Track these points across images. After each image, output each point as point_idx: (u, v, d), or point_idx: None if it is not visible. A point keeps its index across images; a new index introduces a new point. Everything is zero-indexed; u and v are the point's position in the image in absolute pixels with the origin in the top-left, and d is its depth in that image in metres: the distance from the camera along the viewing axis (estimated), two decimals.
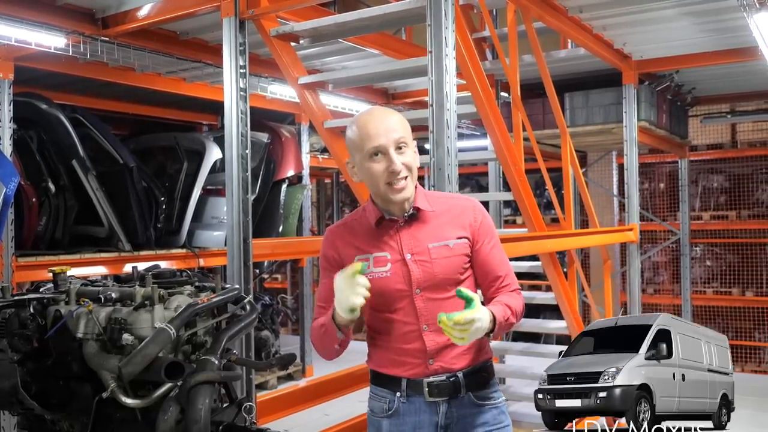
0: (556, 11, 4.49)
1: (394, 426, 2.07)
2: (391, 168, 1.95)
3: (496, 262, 2.08)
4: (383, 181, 1.97)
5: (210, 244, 5.71)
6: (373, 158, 1.96)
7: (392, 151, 1.95)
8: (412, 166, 1.99)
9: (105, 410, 2.09)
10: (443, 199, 2.12)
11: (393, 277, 2.00)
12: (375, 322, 2.11)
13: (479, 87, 3.64)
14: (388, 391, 2.09)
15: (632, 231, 5.76)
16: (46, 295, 2.23)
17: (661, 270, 8.42)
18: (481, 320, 1.84)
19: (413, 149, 2.02)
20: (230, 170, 3.75)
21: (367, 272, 1.95)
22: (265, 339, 7.06)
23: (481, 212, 2.09)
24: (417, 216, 2.04)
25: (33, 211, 4.77)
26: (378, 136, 1.95)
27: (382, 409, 2.11)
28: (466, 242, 2.04)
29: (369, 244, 2.04)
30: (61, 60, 4.79)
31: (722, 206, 8.23)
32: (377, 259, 2.02)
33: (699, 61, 5.64)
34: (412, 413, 2.05)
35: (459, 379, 2.03)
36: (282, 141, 6.69)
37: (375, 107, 2.16)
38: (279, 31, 3.95)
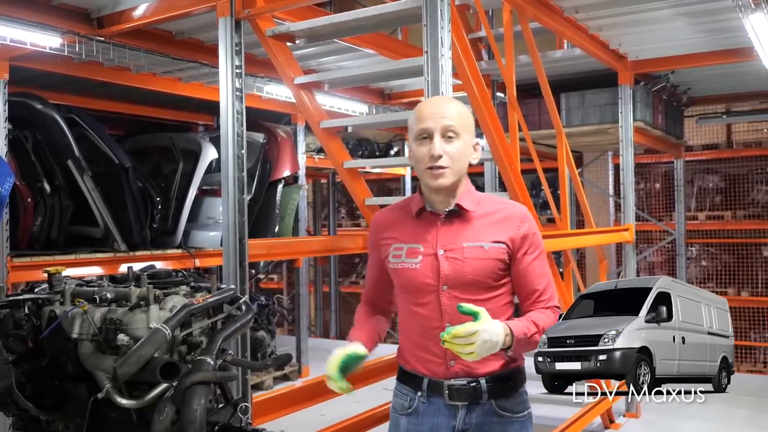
0: (552, 11, 4.50)
1: (412, 425, 2.06)
2: (432, 152, 1.93)
3: (534, 275, 2.01)
4: (424, 165, 1.95)
5: (206, 245, 5.69)
6: (420, 141, 1.96)
7: (437, 136, 1.94)
8: (456, 158, 1.95)
9: (100, 411, 2.09)
10: (492, 203, 2.05)
11: (422, 269, 1.99)
12: (403, 314, 2.10)
13: (475, 87, 3.64)
14: (410, 390, 2.07)
15: (628, 231, 5.78)
16: (41, 296, 2.23)
17: (656, 270, 8.44)
18: (487, 332, 1.79)
19: (467, 143, 1.98)
20: (226, 170, 3.74)
21: (398, 262, 2.02)
22: (261, 339, 7.04)
23: (529, 222, 2.02)
24: (458, 213, 2.01)
25: (28, 212, 4.76)
26: (427, 119, 1.95)
27: (402, 406, 2.10)
28: (503, 248, 1.98)
29: (406, 234, 2.04)
30: (57, 60, 4.77)
31: (718, 206, 8.26)
32: (410, 250, 2.02)
33: (694, 62, 5.65)
34: (431, 414, 2.03)
35: (481, 385, 1.98)
36: (278, 141, 6.68)
37: (439, 95, 2.11)
38: (275, 31, 3.95)
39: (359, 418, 4.24)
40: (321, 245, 5.47)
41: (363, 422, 4.23)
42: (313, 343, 8.86)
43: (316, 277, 10.62)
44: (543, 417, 5.19)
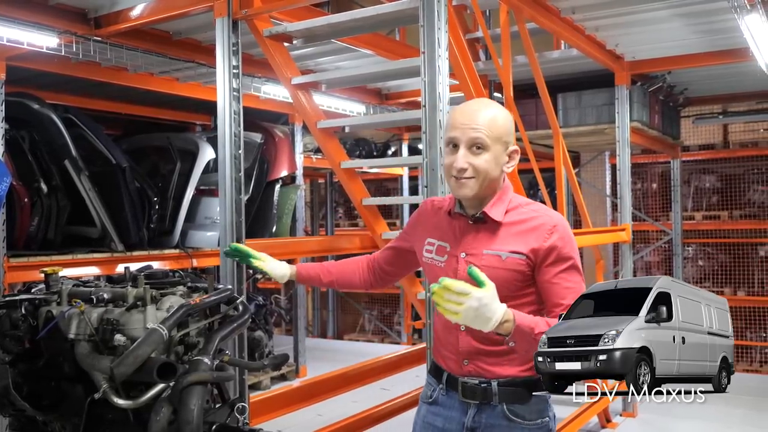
0: (549, 12, 4.50)
1: (431, 414, 2.14)
2: (455, 164, 1.94)
3: (559, 288, 1.95)
4: (449, 173, 1.98)
5: (203, 245, 5.69)
6: (449, 147, 1.98)
7: (463, 147, 1.94)
8: (482, 170, 1.94)
9: (97, 411, 2.09)
10: (524, 211, 2.01)
11: (444, 268, 2.04)
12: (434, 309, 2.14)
13: (472, 88, 3.64)
14: (435, 381, 2.15)
15: (625, 231, 5.79)
16: (37, 296, 2.22)
17: (653, 270, 8.45)
18: (479, 301, 1.72)
19: (499, 153, 1.96)
20: (223, 170, 3.74)
21: (429, 258, 2.09)
22: (258, 339, 7.05)
23: (558, 232, 1.95)
24: (484, 221, 2.01)
25: (25, 212, 4.75)
26: (456, 128, 1.96)
27: (426, 395, 2.18)
28: (523, 259, 1.94)
29: (440, 231, 2.10)
30: (54, 60, 4.77)
31: (714, 206, 8.28)
32: (440, 248, 2.08)
33: (691, 62, 5.67)
34: (447, 407, 2.10)
35: (492, 387, 2.00)
36: (275, 141, 6.68)
37: (478, 99, 2.13)
38: (272, 32, 3.95)
39: (357, 418, 4.24)
40: (319, 245, 5.47)
41: (361, 422, 4.23)
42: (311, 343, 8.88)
43: None
44: None
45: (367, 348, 9.26)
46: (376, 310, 10.34)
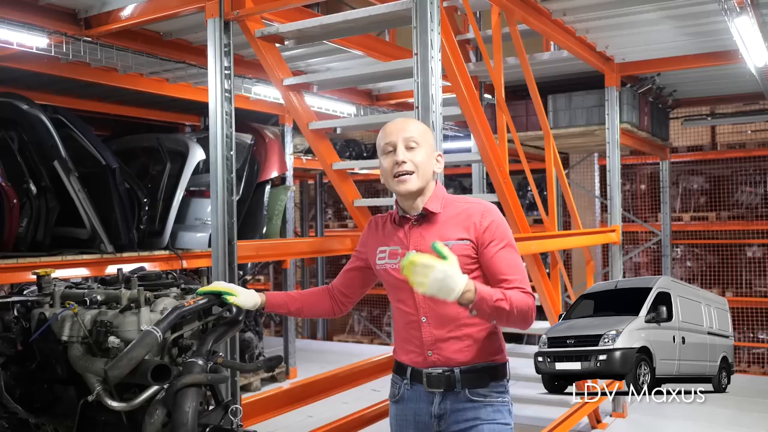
0: (540, 14, 4.52)
1: (400, 411, 2.28)
2: (395, 159, 2.15)
3: (502, 265, 2.11)
4: (391, 174, 2.17)
5: (193, 246, 5.67)
6: (386, 154, 2.19)
7: (401, 146, 2.16)
8: (419, 164, 2.16)
9: (90, 414, 2.08)
10: (459, 204, 2.21)
11: (399, 268, 2.12)
12: (394, 311, 2.31)
13: (464, 89, 3.66)
14: (399, 378, 2.29)
15: (615, 232, 5.82)
16: (30, 298, 2.21)
17: (642, 270, 8.50)
18: (443, 273, 1.85)
19: (430, 154, 2.19)
20: (215, 172, 3.73)
21: (383, 263, 2.25)
22: (248, 341, 7.03)
23: (490, 216, 2.15)
24: (427, 217, 2.20)
25: (14, 213, 4.70)
26: (391, 134, 2.19)
27: (393, 394, 2.33)
28: (467, 244, 2.13)
29: (388, 238, 2.27)
30: (43, 60, 4.74)
31: (702, 207, 8.35)
32: (391, 252, 2.24)
33: (680, 64, 5.72)
34: (414, 400, 2.23)
35: (455, 374, 2.15)
36: (266, 142, 6.66)
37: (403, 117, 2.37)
38: (264, 33, 3.94)
39: (347, 420, 4.23)
40: (309, 247, 5.45)
41: (351, 423, 4.23)
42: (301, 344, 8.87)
43: (303, 279, 10.61)
44: (531, 417, 5.22)
45: (356, 349, 9.26)
46: (365, 311, 10.35)
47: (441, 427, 2.18)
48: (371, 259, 2.33)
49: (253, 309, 2.31)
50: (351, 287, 2.44)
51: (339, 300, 2.45)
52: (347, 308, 2.48)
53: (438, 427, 2.19)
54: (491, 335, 2.19)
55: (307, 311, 2.45)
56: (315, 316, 2.51)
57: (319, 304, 2.45)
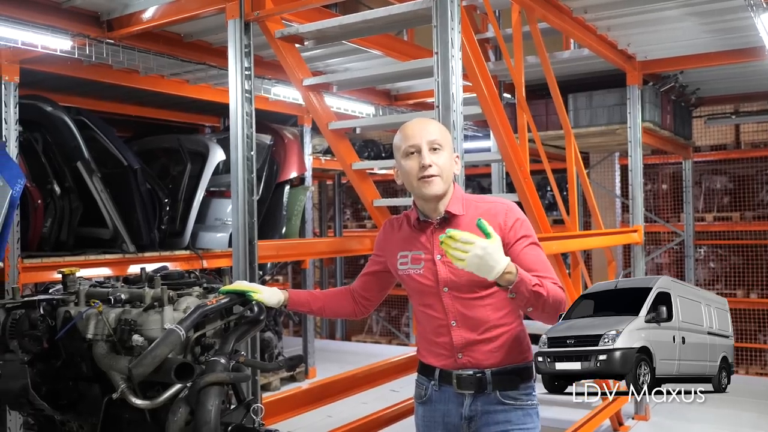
0: (561, 12, 4.49)
1: (428, 412, 2.26)
2: (422, 162, 2.11)
3: (530, 261, 2.08)
4: (416, 177, 2.13)
5: (213, 246, 5.71)
6: (409, 156, 2.15)
7: (425, 149, 2.12)
8: (444, 168, 2.13)
9: (114, 411, 2.09)
10: (479, 204, 2.19)
11: (425, 274, 2.18)
12: (417, 314, 2.28)
13: (485, 88, 3.64)
14: (426, 379, 2.27)
15: (637, 232, 5.76)
16: (55, 297, 2.23)
17: (664, 271, 8.41)
18: (484, 250, 1.82)
19: (451, 156, 2.17)
20: (236, 172, 3.75)
21: (405, 269, 2.21)
22: (268, 340, 7.05)
23: (514, 214, 2.14)
24: (449, 220, 2.17)
25: (38, 213, 4.77)
26: (414, 136, 2.14)
27: (419, 395, 2.30)
28: None
29: (409, 243, 2.24)
30: (67, 62, 4.80)
31: (726, 207, 8.23)
32: (414, 257, 2.21)
33: (703, 62, 5.64)
34: (442, 401, 2.22)
35: (486, 376, 2.14)
36: (285, 143, 6.69)
37: (420, 117, 2.30)
38: (284, 33, 3.95)
39: (367, 420, 4.23)
40: (329, 246, 5.47)
41: (371, 424, 4.23)
42: (320, 344, 8.89)
43: (322, 279, 10.63)
44: (552, 419, 5.19)
45: (375, 349, 9.26)
46: (383, 311, 10.34)
47: (471, 428, 2.18)
48: (391, 264, 2.31)
49: (276, 306, 2.30)
50: (370, 290, 2.42)
51: (360, 302, 2.44)
52: (369, 310, 2.47)
53: (468, 429, 2.18)
54: (519, 336, 2.19)
55: (329, 311, 2.44)
56: (337, 316, 2.51)
57: (341, 304, 2.44)
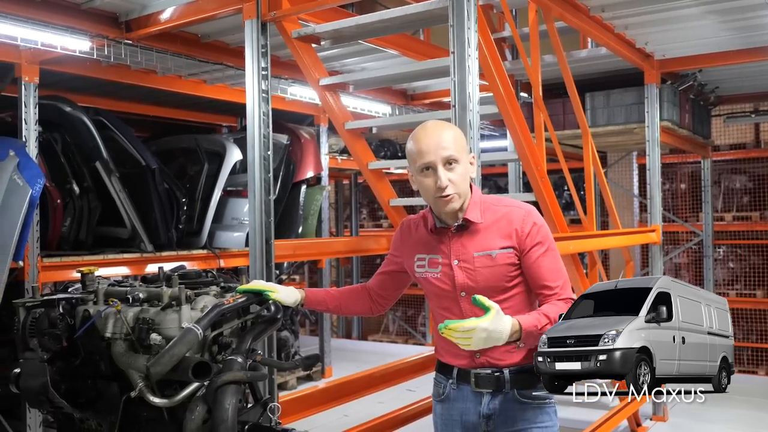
0: (578, 10, 4.46)
1: (446, 410, 2.28)
2: (438, 184, 2.09)
3: (543, 271, 2.13)
4: (432, 195, 2.12)
5: (230, 245, 5.74)
6: (424, 172, 2.12)
7: (440, 168, 2.09)
8: (460, 182, 2.12)
9: (132, 409, 2.11)
10: (497, 208, 2.19)
11: (441, 278, 2.19)
12: (435, 315, 2.29)
13: (501, 87, 3.62)
14: (444, 378, 2.30)
15: (655, 232, 5.72)
16: (74, 295, 2.25)
17: (682, 271, 8.32)
18: (486, 331, 1.89)
19: (466, 163, 2.14)
20: (252, 172, 3.76)
21: (423, 271, 2.23)
22: (285, 340, 7.08)
23: (531, 221, 2.14)
24: (466, 226, 2.17)
25: (57, 213, 4.82)
26: (428, 153, 2.10)
27: (437, 393, 2.32)
28: (511, 252, 2.13)
29: (426, 246, 2.24)
30: (85, 63, 4.85)
31: (745, 207, 8.12)
32: (431, 261, 2.22)
33: (723, 60, 5.58)
34: (460, 400, 2.24)
35: (504, 375, 2.17)
36: (301, 142, 6.71)
37: (431, 121, 2.22)
38: (300, 33, 3.96)
39: (383, 419, 4.23)
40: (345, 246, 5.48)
41: (387, 423, 4.23)
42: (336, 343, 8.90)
43: (338, 278, 10.65)
44: (570, 420, 5.15)
45: (391, 349, 9.25)
46: (400, 311, 10.33)
47: (489, 427, 2.20)
48: (408, 265, 2.32)
49: (293, 305, 2.31)
50: (387, 289, 2.43)
51: (377, 300, 2.45)
52: (385, 308, 2.48)
53: (486, 427, 2.20)
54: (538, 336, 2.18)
55: (346, 309, 2.46)
56: (353, 314, 2.53)
57: (357, 302, 2.45)
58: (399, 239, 2.36)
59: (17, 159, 4.33)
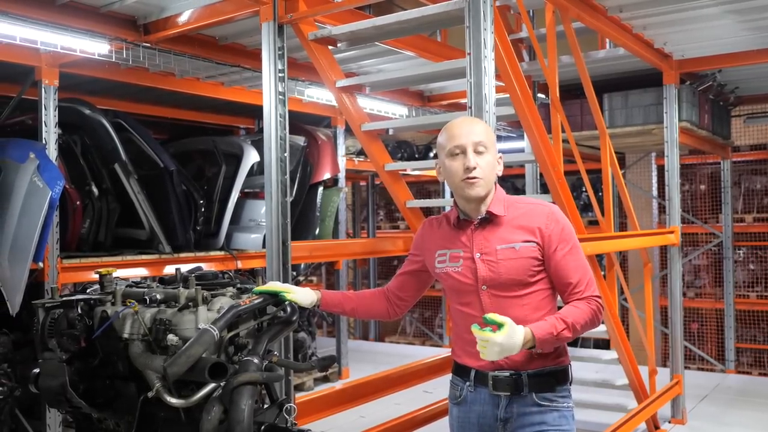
0: (595, 11, 4.43)
1: (463, 413, 2.26)
2: (466, 164, 2.12)
3: (568, 269, 2.13)
4: (459, 178, 2.14)
5: (247, 247, 5.76)
6: (453, 156, 2.16)
7: (470, 151, 2.13)
8: (488, 170, 2.15)
9: (149, 409, 2.13)
10: (521, 205, 2.21)
11: (463, 272, 2.19)
12: (454, 313, 2.29)
13: (518, 88, 3.61)
14: (461, 380, 2.27)
15: (674, 234, 5.66)
16: (93, 296, 2.27)
17: (702, 273, 8.23)
18: (499, 345, 1.93)
19: (494, 156, 2.18)
20: (269, 173, 3.78)
21: (443, 267, 2.23)
22: (301, 341, 7.09)
23: (555, 219, 2.16)
24: (490, 219, 2.18)
25: (77, 214, 4.87)
26: (460, 136, 2.16)
27: (454, 396, 2.30)
28: (534, 246, 2.13)
29: (448, 241, 2.25)
30: (104, 66, 4.89)
31: (766, 208, 8.02)
32: (452, 255, 2.22)
33: (742, 60, 5.52)
34: (477, 402, 2.21)
35: (523, 378, 2.14)
36: (318, 144, 6.72)
37: (465, 116, 2.31)
38: (317, 35, 3.98)
39: (400, 420, 4.23)
40: (362, 247, 5.48)
41: (404, 425, 4.23)
42: (353, 345, 8.91)
43: (355, 279, 10.66)
44: (588, 422, 5.12)
45: (408, 350, 9.24)
46: (417, 312, 10.32)
47: (506, 430, 2.18)
48: (428, 262, 2.31)
49: (310, 306, 2.32)
50: (406, 290, 2.43)
51: (395, 303, 2.44)
52: (403, 311, 2.47)
53: (503, 430, 2.18)
54: (558, 343, 2.16)
55: (362, 311, 2.45)
56: (370, 317, 2.52)
57: (374, 305, 2.44)
58: (421, 237, 2.37)
59: (37, 161, 4.38)
